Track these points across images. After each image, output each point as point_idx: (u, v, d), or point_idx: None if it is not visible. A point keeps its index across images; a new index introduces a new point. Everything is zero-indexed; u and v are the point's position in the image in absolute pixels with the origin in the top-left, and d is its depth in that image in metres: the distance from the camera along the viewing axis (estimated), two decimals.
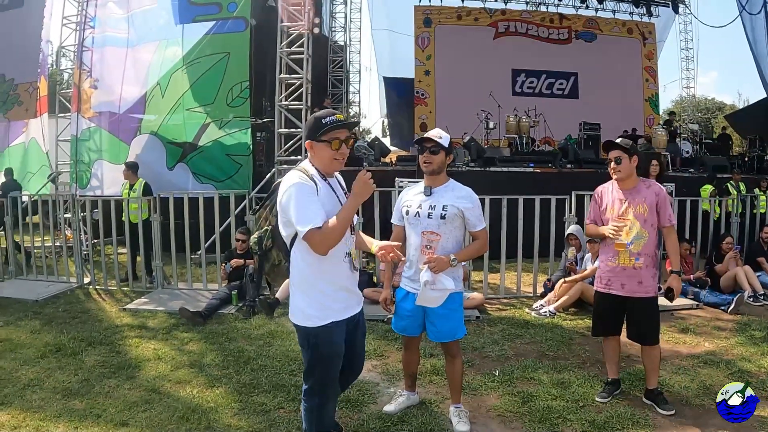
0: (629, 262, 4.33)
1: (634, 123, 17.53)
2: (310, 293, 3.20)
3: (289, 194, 3.04)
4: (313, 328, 3.19)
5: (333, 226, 3.01)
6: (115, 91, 11.92)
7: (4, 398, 4.69)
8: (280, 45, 10.95)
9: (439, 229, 3.91)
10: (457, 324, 4.07)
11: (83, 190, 11.68)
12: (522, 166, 12.11)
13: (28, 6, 12.88)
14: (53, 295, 8.21)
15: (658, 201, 4.34)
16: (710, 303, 7.47)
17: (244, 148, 11.37)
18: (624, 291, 4.37)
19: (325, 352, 3.24)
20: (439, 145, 3.90)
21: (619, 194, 4.44)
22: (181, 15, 11.71)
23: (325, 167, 3.21)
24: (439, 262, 3.78)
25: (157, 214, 8.53)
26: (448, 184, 4.03)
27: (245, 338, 6.27)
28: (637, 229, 4.31)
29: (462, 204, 3.91)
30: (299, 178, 3.08)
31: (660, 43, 20.69)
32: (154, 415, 4.35)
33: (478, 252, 4.14)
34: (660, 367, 4.66)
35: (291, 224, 3.08)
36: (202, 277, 8.60)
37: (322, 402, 3.37)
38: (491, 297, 7.91)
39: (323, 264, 3.14)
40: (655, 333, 4.44)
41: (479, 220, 3.97)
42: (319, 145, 3.15)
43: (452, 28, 19.01)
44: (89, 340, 6.15)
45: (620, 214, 4.38)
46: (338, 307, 3.25)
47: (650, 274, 4.36)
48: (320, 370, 3.29)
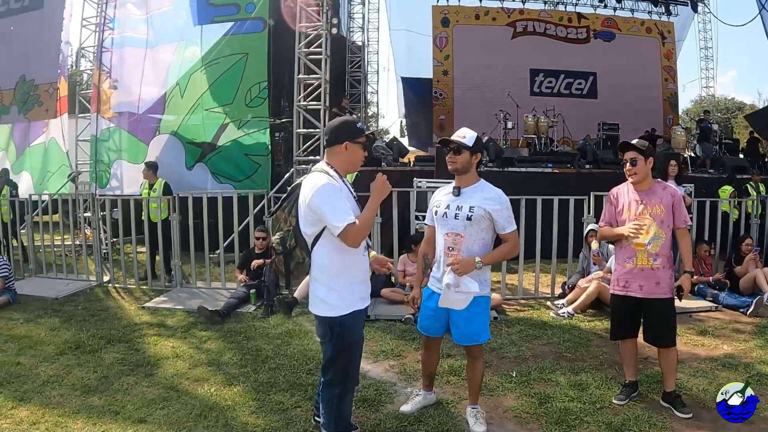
0: (647, 263, 4.28)
1: (653, 123, 17.36)
2: (333, 286, 3.41)
3: (321, 194, 3.27)
4: (337, 317, 3.40)
5: (363, 221, 3.33)
6: (134, 92, 12.01)
7: (23, 394, 4.73)
8: (298, 45, 10.98)
9: (464, 231, 3.82)
10: (481, 328, 3.97)
11: (103, 190, 11.77)
12: (540, 167, 12.05)
13: (48, 7, 13.01)
14: (73, 293, 8.30)
15: (674, 202, 4.31)
16: (729, 305, 7.37)
17: (263, 148, 11.39)
18: (642, 292, 4.31)
19: (348, 340, 3.47)
20: (462, 144, 3.83)
21: (636, 195, 4.40)
22: (199, 16, 11.77)
23: (352, 167, 3.55)
24: (463, 264, 3.71)
25: (176, 213, 8.58)
26: (477, 184, 3.94)
27: (263, 337, 6.29)
28: (655, 230, 4.27)
29: (490, 205, 3.82)
30: (327, 179, 3.33)
31: (679, 43, 20.46)
32: (172, 413, 4.37)
33: (506, 255, 4.07)
34: (678, 369, 4.61)
35: (318, 222, 3.34)
36: (221, 276, 8.63)
37: (343, 393, 3.55)
38: (509, 298, 7.87)
39: (346, 259, 3.40)
40: (672, 335, 4.40)
41: (508, 222, 3.86)
42: (354, 146, 3.46)
43: (470, 28, 18.95)
44: (108, 337, 6.20)
45: (638, 215, 4.33)
46: (358, 298, 3.50)
47: (667, 275, 4.31)
48: (343, 359, 3.49)
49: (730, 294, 7.58)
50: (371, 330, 6.41)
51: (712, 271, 8.25)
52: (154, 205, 9.01)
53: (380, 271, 3.83)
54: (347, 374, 3.54)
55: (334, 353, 3.47)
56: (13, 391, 4.81)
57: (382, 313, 7.03)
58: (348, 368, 3.54)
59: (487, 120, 15.33)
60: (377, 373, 5.17)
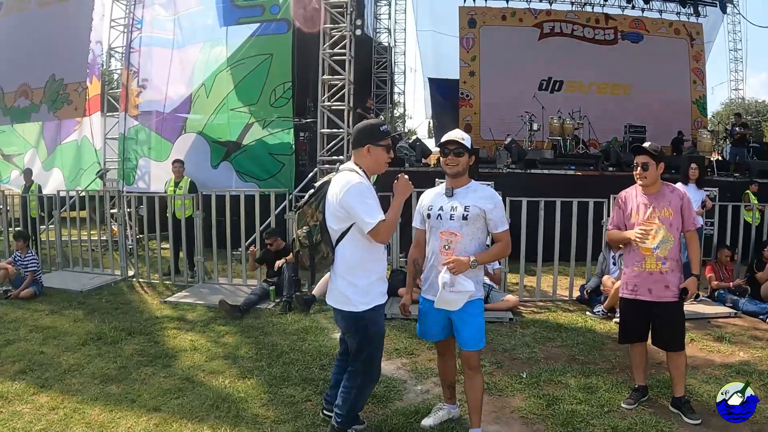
0: (656, 266, 4.26)
1: (681, 125, 17.07)
2: (357, 282, 3.54)
3: (354, 192, 3.42)
4: (359, 312, 3.55)
5: (392, 218, 3.50)
6: (161, 91, 12.25)
7: (45, 381, 4.90)
8: (322, 46, 11.10)
9: (460, 230, 3.77)
10: (477, 332, 3.82)
11: (130, 187, 12.02)
12: (563, 169, 11.99)
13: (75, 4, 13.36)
14: (97, 287, 8.53)
15: (683, 205, 4.29)
16: (749, 312, 7.24)
17: (287, 147, 11.53)
18: (651, 296, 4.29)
19: (372, 333, 3.63)
20: (463, 146, 3.79)
21: (644, 199, 4.38)
22: (225, 17, 11.96)
23: (377, 169, 3.67)
24: (458, 263, 3.66)
25: (199, 210, 8.74)
26: (470, 185, 3.90)
27: (280, 333, 6.39)
28: (663, 233, 4.25)
29: (484, 204, 3.77)
30: (359, 178, 3.48)
31: (708, 44, 20.05)
32: (186, 403, 4.49)
33: (499, 254, 4.00)
34: (691, 375, 4.56)
35: (346, 219, 3.48)
36: (242, 273, 8.78)
37: (364, 383, 3.70)
38: (526, 299, 7.87)
39: (369, 256, 3.55)
40: (680, 339, 4.35)
41: (501, 222, 3.81)
42: (376, 149, 3.59)
43: (497, 29, 18.86)
44: (129, 329, 6.37)
45: (646, 218, 4.31)
46: (379, 293, 3.64)
47: (677, 279, 4.29)
48: (368, 350, 3.65)
49: (751, 300, 7.45)
50: (387, 328, 6.34)
51: (733, 277, 8.12)
52: (179, 202, 9.19)
53: None
54: (371, 365, 3.68)
55: (360, 345, 3.63)
56: (35, 378, 4.98)
57: (398, 312, 7.05)
58: (371, 360, 3.68)
59: (513, 121, 15.26)
60: (389, 371, 5.23)
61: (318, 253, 3.60)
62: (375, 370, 3.75)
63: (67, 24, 13.37)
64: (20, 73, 14.09)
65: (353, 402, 3.68)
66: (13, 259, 8.31)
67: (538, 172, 11.77)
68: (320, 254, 3.59)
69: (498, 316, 6.86)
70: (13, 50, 14.27)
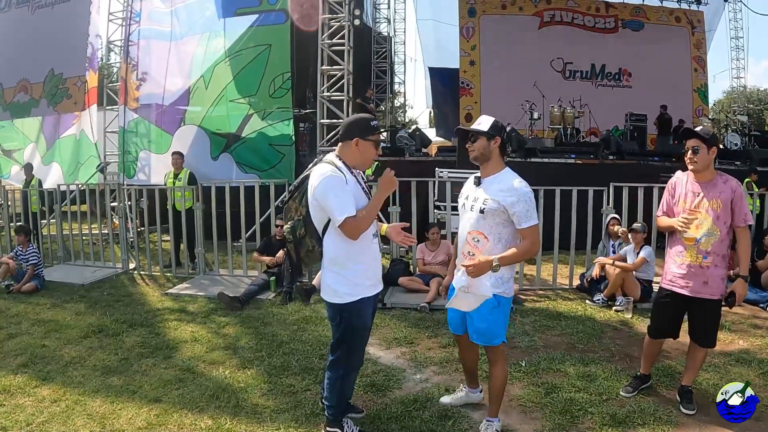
0: (696, 259, 4.04)
1: (682, 114, 17.00)
2: (342, 273, 3.51)
3: (324, 185, 3.36)
4: (344, 304, 3.52)
5: (364, 215, 3.40)
6: (160, 84, 12.23)
7: (47, 374, 4.94)
8: (321, 37, 11.07)
9: (479, 226, 3.57)
10: (494, 327, 3.66)
11: (130, 180, 12.03)
12: (563, 157, 11.98)
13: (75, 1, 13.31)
14: (99, 280, 8.56)
15: (734, 198, 3.99)
16: (749, 300, 7.15)
17: (287, 138, 11.51)
18: (688, 290, 4.10)
19: (356, 324, 3.59)
20: (477, 131, 3.63)
21: (694, 187, 4.12)
22: (223, 8, 11.92)
23: (363, 164, 3.62)
24: (478, 267, 3.44)
25: (199, 202, 8.76)
26: (497, 175, 3.63)
27: (280, 323, 6.42)
28: (708, 225, 4.01)
29: (504, 198, 3.50)
30: (331, 171, 3.40)
31: (709, 33, 19.98)
32: (186, 393, 4.52)
33: (525, 254, 3.64)
34: None
35: (323, 211, 3.43)
36: (243, 264, 8.80)
37: (347, 371, 3.69)
38: (526, 288, 7.89)
39: (354, 247, 3.47)
40: (712, 338, 4.21)
41: (526, 217, 3.49)
42: (366, 144, 3.52)
43: (497, 18, 18.79)
44: (130, 322, 6.41)
45: (692, 207, 4.08)
46: (367, 285, 3.59)
47: (718, 275, 4.06)
48: (349, 342, 3.62)
49: (751, 289, 7.35)
50: (386, 317, 6.51)
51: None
52: (179, 194, 9.19)
53: (404, 243, 3.81)
54: (351, 354, 3.66)
55: (341, 336, 3.61)
56: (37, 371, 5.01)
57: (398, 301, 7.11)
58: (353, 351, 3.67)
59: (514, 110, 15.17)
60: (388, 360, 5.25)
61: (303, 247, 3.58)
62: (357, 359, 3.74)
63: (66, 18, 13.34)
64: (19, 68, 14.06)
65: (340, 391, 3.70)
66: (14, 254, 8.35)
67: (539, 160, 11.76)
68: (305, 248, 3.57)
69: None
70: (12, 45, 14.27)
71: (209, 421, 4.07)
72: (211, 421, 4.07)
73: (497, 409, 3.87)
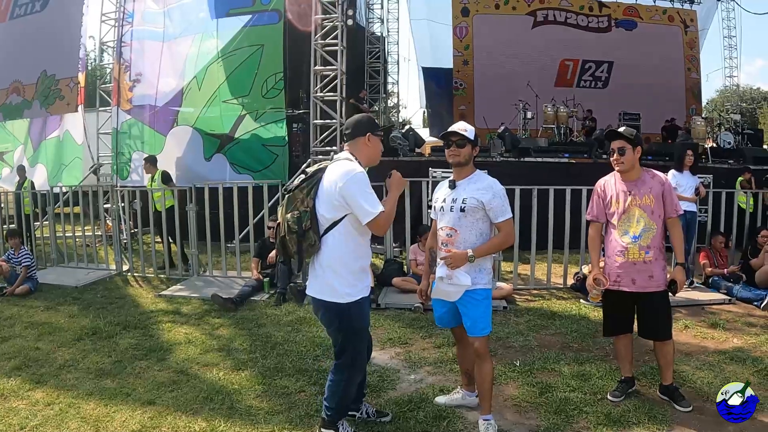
0: (639, 256, 4.12)
1: (675, 113, 17.05)
2: (344, 273, 3.49)
3: (356, 181, 3.36)
4: (346, 304, 3.49)
5: (390, 211, 3.45)
6: (153, 84, 12.22)
7: (40, 377, 4.92)
8: (314, 37, 11.06)
9: (458, 223, 3.80)
10: (481, 318, 3.83)
11: (123, 182, 12.00)
12: (557, 157, 12.00)
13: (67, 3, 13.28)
14: (92, 282, 8.54)
15: (664, 191, 4.14)
16: (743, 298, 7.23)
17: (280, 139, 11.53)
18: (635, 287, 4.16)
19: (357, 325, 3.59)
20: (465, 137, 3.81)
21: (623, 186, 4.23)
22: (216, 9, 11.93)
23: (374, 159, 3.66)
24: (455, 258, 3.72)
25: (192, 203, 8.74)
26: (472, 176, 3.90)
27: (274, 324, 6.42)
28: (645, 221, 4.12)
29: (482, 195, 3.77)
30: (360, 168, 3.45)
31: (702, 32, 20.02)
32: (180, 395, 4.51)
33: (499, 246, 3.96)
34: (685, 362, 4.50)
35: (342, 209, 3.41)
36: (237, 265, 8.78)
37: (351, 375, 3.67)
38: (521, 287, 7.90)
39: (358, 247, 3.52)
40: (668, 328, 4.27)
41: (501, 212, 3.78)
42: (375, 139, 3.62)
43: (490, 18, 18.78)
44: (124, 324, 6.39)
45: (626, 207, 4.18)
46: (364, 285, 3.61)
47: (660, 267, 4.16)
48: (352, 343, 3.61)
49: (745, 287, 7.44)
50: (380, 318, 6.51)
51: (727, 263, 8.13)
52: (157, 194, 9.19)
53: None
54: (355, 358, 3.65)
55: (345, 339, 3.59)
56: (30, 374, 5.00)
57: (392, 302, 7.11)
58: (358, 353, 3.66)
59: (507, 110, 15.20)
60: (382, 360, 5.25)
61: (306, 240, 3.50)
62: (361, 359, 3.74)
63: (58, 19, 13.29)
64: (11, 70, 14.03)
65: (342, 394, 3.67)
66: (6, 257, 8.32)
67: (532, 160, 11.78)
68: (308, 241, 3.50)
69: (492, 304, 6.86)
70: (4, 47, 14.21)
71: (203, 423, 4.06)
72: (205, 423, 4.06)
73: (489, 404, 3.94)
